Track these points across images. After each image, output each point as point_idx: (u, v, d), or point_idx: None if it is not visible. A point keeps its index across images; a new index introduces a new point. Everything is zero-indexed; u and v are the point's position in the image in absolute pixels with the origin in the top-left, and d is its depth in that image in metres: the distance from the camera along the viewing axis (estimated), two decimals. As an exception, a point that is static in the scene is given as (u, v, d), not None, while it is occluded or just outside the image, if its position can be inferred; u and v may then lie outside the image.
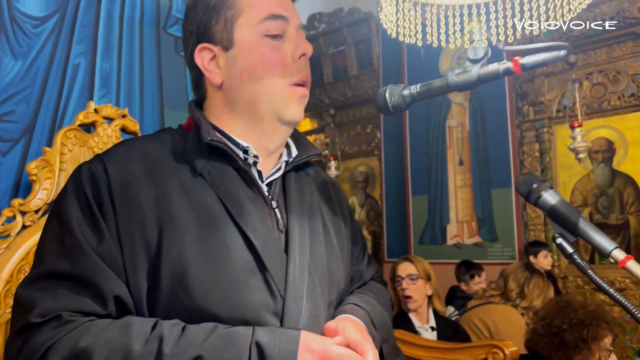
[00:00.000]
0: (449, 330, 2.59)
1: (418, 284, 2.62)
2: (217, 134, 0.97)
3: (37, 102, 1.45)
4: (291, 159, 1.04)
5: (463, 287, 3.98)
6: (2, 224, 1.27)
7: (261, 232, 0.91)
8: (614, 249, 0.91)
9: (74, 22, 1.55)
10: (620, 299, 0.89)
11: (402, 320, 2.58)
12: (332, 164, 6.12)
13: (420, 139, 5.64)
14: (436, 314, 2.66)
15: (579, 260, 0.94)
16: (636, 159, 4.72)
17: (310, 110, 7.20)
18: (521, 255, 5.00)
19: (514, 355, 1.70)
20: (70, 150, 1.39)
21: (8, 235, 1.26)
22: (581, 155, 4.37)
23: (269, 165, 1.02)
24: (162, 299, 0.85)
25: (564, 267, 4.97)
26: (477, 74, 0.80)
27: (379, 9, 0.83)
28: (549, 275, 4.17)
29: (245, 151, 0.98)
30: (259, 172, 1.00)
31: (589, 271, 0.93)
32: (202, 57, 0.99)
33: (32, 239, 1.28)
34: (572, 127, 4.40)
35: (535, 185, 1.01)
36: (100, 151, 1.45)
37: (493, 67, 0.80)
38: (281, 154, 1.05)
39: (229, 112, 1.00)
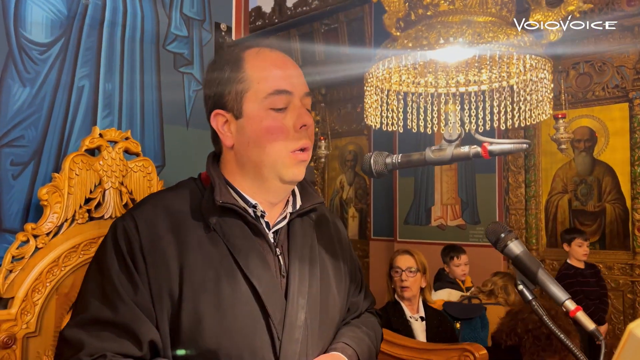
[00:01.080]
0: (436, 320, 2.78)
1: (416, 276, 2.79)
2: (229, 193, 1.10)
3: (45, 125, 1.53)
4: (295, 210, 1.17)
5: (446, 269, 4.15)
6: (17, 248, 1.37)
7: (265, 280, 1.05)
8: (566, 299, 1.04)
9: (78, 45, 1.61)
10: (567, 343, 1.03)
11: (394, 309, 2.75)
12: (322, 143, 6.21)
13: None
14: (425, 304, 2.83)
15: (537, 307, 1.08)
16: (616, 149, 4.88)
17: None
18: (502, 238, 5.19)
19: (483, 358, 1.86)
20: (78, 174, 1.48)
21: (22, 258, 1.37)
22: (563, 146, 4.51)
23: (275, 214, 1.15)
24: (182, 341, 1.00)
25: (542, 250, 5.18)
26: (451, 154, 0.92)
27: (364, 103, 0.93)
28: (589, 267, 4.23)
29: (254, 206, 1.10)
30: (267, 222, 1.13)
31: (544, 317, 1.07)
32: (217, 120, 1.12)
33: (44, 260, 1.39)
34: (556, 118, 4.52)
35: (502, 235, 1.13)
36: (105, 174, 1.55)
37: (465, 149, 0.91)
38: (287, 202, 1.17)
39: (239, 170, 1.12)
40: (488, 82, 0.83)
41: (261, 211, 1.11)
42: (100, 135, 1.55)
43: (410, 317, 2.70)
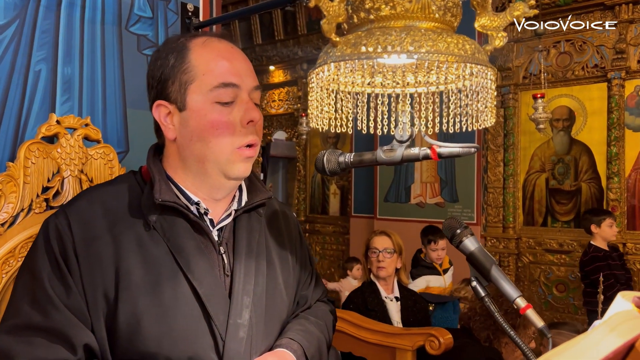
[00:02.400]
0: (410, 301, 2.82)
1: (393, 257, 2.82)
2: (170, 190, 1.06)
3: (0, 111, 1.48)
4: (241, 207, 1.14)
5: (423, 250, 4.07)
6: (-29, 239, 1.34)
7: (207, 281, 1.02)
8: (517, 297, 1.05)
9: (34, 28, 1.55)
10: (515, 337, 1.04)
11: (370, 289, 2.77)
12: (304, 120, 6.16)
13: (389, 99, 5.71)
14: (400, 285, 2.86)
15: (489, 304, 1.08)
16: (593, 129, 4.92)
17: (284, 62, 7.16)
18: (479, 216, 5.26)
19: (447, 343, 1.90)
20: (34, 163, 1.44)
21: (-23, 249, 1.35)
22: (541, 126, 4.53)
23: (220, 211, 1.12)
24: (121, 344, 0.98)
25: (519, 228, 5.25)
26: (402, 155, 0.90)
27: (308, 106, 0.91)
28: (614, 249, 4.05)
29: (197, 203, 1.07)
30: (211, 220, 1.10)
31: (496, 314, 1.08)
32: (159, 112, 1.07)
33: (0, 250, 1.38)
34: (535, 98, 4.53)
35: (458, 231, 1.13)
36: (63, 162, 1.51)
37: (415, 151, 0.90)
38: (234, 198, 1.14)
39: (182, 165, 1.08)
40: (435, 84, 0.82)
41: (204, 209, 1.08)
42: (58, 122, 1.51)
43: (386, 297, 2.74)
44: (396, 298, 2.78)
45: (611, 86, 4.74)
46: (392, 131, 0.85)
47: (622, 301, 0.65)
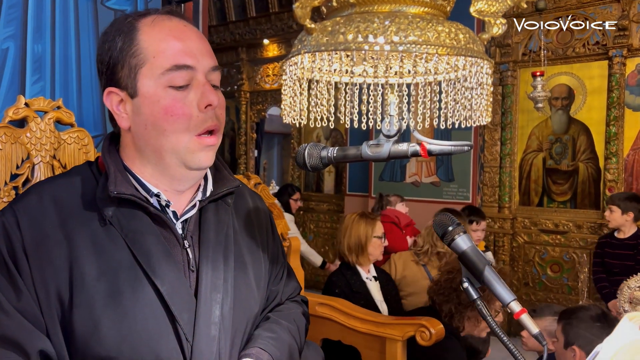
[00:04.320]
0: (384, 279, 2.84)
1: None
2: (127, 182, 0.97)
3: (-36, 93, 1.39)
4: (206, 197, 1.05)
5: None
6: None
7: (170, 279, 0.94)
8: (511, 300, 0.98)
9: (0, 2, 1.45)
10: (510, 346, 0.98)
11: (350, 272, 2.73)
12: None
13: (386, 75, 5.59)
14: (373, 265, 2.85)
15: (481, 307, 1.01)
16: (593, 108, 4.82)
17: (278, 35, 6.98)
18: (474, 196, 5.20)
19: (439, 333, 1.85)
20: (1, 148, 1.35)
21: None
22: (540, 105, 4.44)
23: (184, 202, 1.04)
24: (79, 349, 0.90)
25: (514, 208, 5.20)
26: (389, 151, 0.82)
27: (282, 99, 0.82)
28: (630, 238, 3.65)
29: (157, 195, 0.99)
30: (174, 212, 1.02)
31: (489, 318, 1.01)
32: (111, 99, 0.98)
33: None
34: (534, 76, 4.42)
35: (450, 228, 1.05)
36: (33, 147, 1.43)
37: (403, 147, 0.81)
38: (198, 188, 1.06)
39: (138, 155, 1.00)
40: (423, 75, 0.73)
41: (165, 200, 1.00)
42: (27, 104, 1.41)
43: (366, 277, 2.73)
44: (374, 277, 2.77)
45: (612, 64, 4.62)
46: (379, 125, 0.76)
47: (629, 325, 0.58)
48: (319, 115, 0.80)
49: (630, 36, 4.58)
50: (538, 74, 4.38)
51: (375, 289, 2.71)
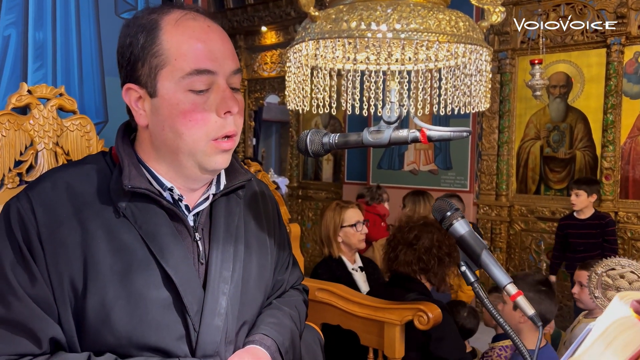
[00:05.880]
0: (371, 268, 2.82)
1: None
2: (141, 175, 0.98)
3: (-33, 80, 1.40)
4: (219, 190, 1.07)
5: None
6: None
7: (182, 268, 0.96)
8: (508, 283, 1.01)
9: (1, -11, 1.46)
10: (507, 329, 1.01)
11: (335, 262, 2.71)
12: (296, 84, 6.02)
13: (384, 63, 5.58)
14: (359, 255, 2.83)
15: (478, 289, 1.04)
16: (590, 96, 4.83)
17: (276, 23, 6.95)
18: (472, 184, 5.22)
19: (436, 317, 1.88)
20: (5, 135, 1.37)
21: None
22: (538, 93, 4.44)
23: (197, 196, 1.06)
24: (89, 337, 0.92)
25: (512, 196, 5.22)
26: (389, 137, 0.84)
27: (286, 86, 0.83)
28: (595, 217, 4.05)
29: (170, 189, 1.01)
30: (186, 205, 1.03)
31: (485, 300, 1.03)
32: (130, 96, 0.98)
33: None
34: (532, 64, 4.42)
35: (448, 214, 1.08)
36: (36, 134, 1.44)
37: (403, 133, 0.83)
38: (211, 182, 1.07)
39: (155, 153, 1.01)
40: (424, 62, 0.75)
41: (178, 195, 1.01)
42: (29, 92, 1.42)
43: (352, 268, 2.71)
44: (360, 268, 2.75)
45: (610, 52, 4.63)
46: (380, 112, 0.78)
47: (620, 304, 0.60)
48: (321, 102, 0.82)
49: (628, 24, 4.58)
50: (536, 61, 4.38)
51: (361, 280, 2.70)
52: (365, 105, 0.80)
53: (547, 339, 2.42)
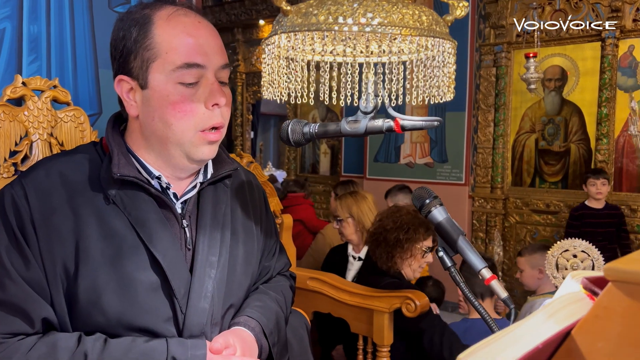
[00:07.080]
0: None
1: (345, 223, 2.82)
2: (130, 164, 1.03)
3: (-37, 72, 1.44)
4: (206, 179, 1.11)
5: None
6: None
7: (169, 253, 1.01)
8: (482, 268, 1.05)
9: (-5, -16, 1.49)
10: (480, 308, 1.05)
11: (344, 246, 2.81)
12: (293, 77, 6.05)
13: (381, 57, 5.60)
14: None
15: (455, 274, 1.08)
16: (585, 90, 4.86)
17: (274, 16, 6.96)
18: (467, 176, 5.26)
19: (424, 305, 1.92)
20: (0, 126, 1.41)
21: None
22: (532, 86, 4.48)
23: (184, 185, 1.10)
24: (80, 318, 0.97)
25: (507, 188, 5.27)
26: (365, 126, 0.88)
27: (262, 76, 0.87)
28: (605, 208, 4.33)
29: (158, 177, 1.05)
30: (174, 193, 1.08)
31: (461, 284, 1.08)
32: (121, 87, 1.03)
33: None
34: (527, 57, 4.46)
35: (427, 201, 1.12)
36: (31, 125, 1.48)
37: (379, 122, 0.87)
38: (198, 171, 1.12)
39: (144, 142, 1.05)
40: (388, 55, 0.78)
41: (166, 183, 1.06)
42: (24, 83, 1.46)
43: (351, 255, 2.79)
44: (359, 258, 2.80)
45: (605, 45, 4.65)
46: (356, 102, 0.82)
47: (572, 282, 0.64)
48: (297, 93, 0.86)
49: (623, 17, 4.60)
50: (531, 55, 4.42)
51: (353, 269, 2.76)
52: (342, 96, 0.84)
53: None
